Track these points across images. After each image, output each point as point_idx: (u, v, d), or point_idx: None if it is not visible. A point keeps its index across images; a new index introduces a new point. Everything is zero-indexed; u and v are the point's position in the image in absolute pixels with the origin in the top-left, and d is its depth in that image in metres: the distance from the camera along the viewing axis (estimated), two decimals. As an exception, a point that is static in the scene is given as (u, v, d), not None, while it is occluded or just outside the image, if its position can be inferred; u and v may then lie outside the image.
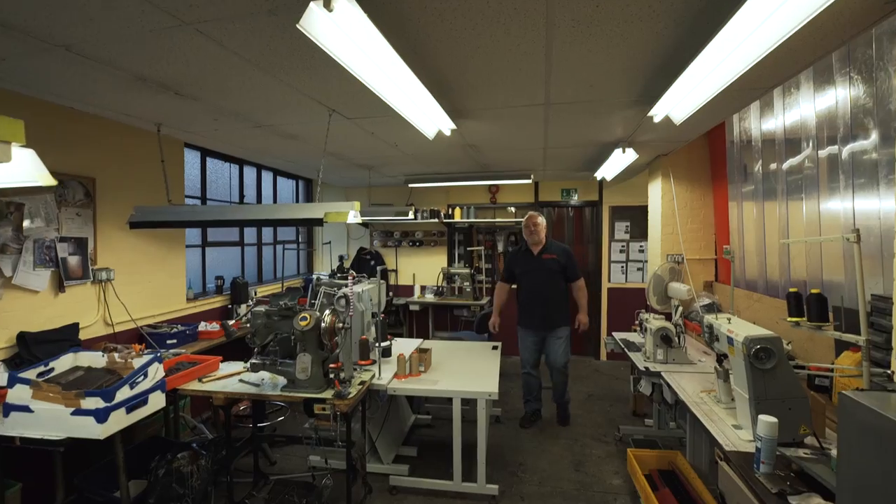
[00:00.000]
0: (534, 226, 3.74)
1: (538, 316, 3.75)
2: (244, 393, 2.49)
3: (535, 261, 3.75)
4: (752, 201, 3.34)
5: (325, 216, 2.51)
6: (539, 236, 3.73)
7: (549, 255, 3.74)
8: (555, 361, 3.80)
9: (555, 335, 3.77)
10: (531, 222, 3.76)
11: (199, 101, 2.52)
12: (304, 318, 2.46)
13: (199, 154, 4.39)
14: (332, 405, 2.38)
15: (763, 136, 3.10)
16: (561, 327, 3.78)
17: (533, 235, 3.74)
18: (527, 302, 3.81)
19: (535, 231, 3.72)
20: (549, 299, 3.72)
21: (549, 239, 3.81)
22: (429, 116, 2.62)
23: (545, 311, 3.73)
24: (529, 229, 3.75)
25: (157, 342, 3.42)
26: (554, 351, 3.78)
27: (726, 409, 2.15)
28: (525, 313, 3.84)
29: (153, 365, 2.28)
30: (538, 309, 3.75)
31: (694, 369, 2.86)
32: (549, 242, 3.79)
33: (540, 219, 3.77)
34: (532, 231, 3.74)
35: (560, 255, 3.74)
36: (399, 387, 2.81)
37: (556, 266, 3.72)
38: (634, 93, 2.40)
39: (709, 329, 2.21)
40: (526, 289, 3.81)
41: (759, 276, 3.23)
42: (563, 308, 3.78)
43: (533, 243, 3.78)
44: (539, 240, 3.74)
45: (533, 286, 3.76)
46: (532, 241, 3.77)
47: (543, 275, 3.72)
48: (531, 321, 3.80)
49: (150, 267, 3.61)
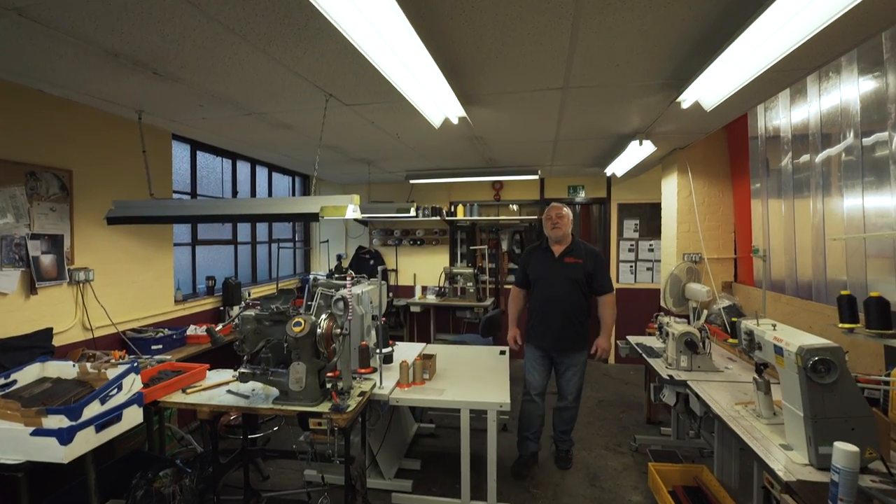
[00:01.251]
0: (557, 218, 2.99)
1: (551, 334, 3.01)
2: (231, 406, 2.25)
3: (555, 264, 3.02)
4: (778, 197, 3.12)
5: (321, 211, 2.28)
6: (563, 231, 2.98)
7: (573, 258, 2.98)
8: (563, 391, 3.10)
9: (567, 361, 3.05)
10: (554, 213, 3.01)
11: (181, 82, 2.28)
12: (297, 323, 2.22)
13: (188, 147, 4.16)
14: (328, 419, 2.14)
15: (793, 127, 2.88)
16: (576, 353, 3.03)
17: (555, 230, 2.99)
18: (539, 314, 3.07)
19: (559, 225, 2.98)
20: (567, 315, 2.96)
21: (575, 238, 3.06)
22: (436, 101, 2.39)
23: (560, 330, 2.98)
24: (552, 222, 3.00)
25: (141, 348, 3.18)
26: (564, 380, 3.08)
27: (769, 426, 1.93)
28: (535, 328, 3.10)
29: (129, 376, 2.04)
30: (552, 324, 2.99)
31: (722, 377, 2.64)
32: (575, 242, 3.04)
33: (565, 210, 3.02)
34: (555, 225, 2.99)
35: (587, 261, 2.98)
36: (403, 397, 2.59)
37: (581, 273, 2.96)
38: (664, 74, 2.17)
39: (748, 336, 1.99)
40: (539, 298, 3.07)
41: (788, 276, 3.01)
42: (582, 328, 3.00)
43: (555, 241, 3.04)
44: (563, 237, 3.00)
45: (548, 296, 3.01)
46: (554, 237, 3.02)
47: (563, 283, 2.97)
48: (542, 339, 3.07)
49: (134, 266, 3.37)
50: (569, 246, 3.02)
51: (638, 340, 3.53)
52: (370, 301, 3.01)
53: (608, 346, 3.06)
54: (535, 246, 3.25)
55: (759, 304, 3.44)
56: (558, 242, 3.04)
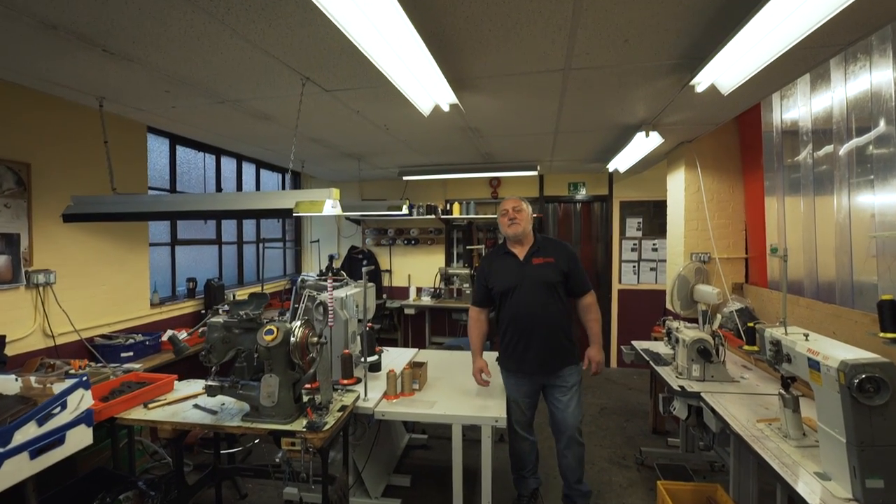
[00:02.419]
0: (515, 212, 2.46)
1: (532, 355, 2.42)
2: (196, 423, 2.02)
3: (523, 269, 2.45)
4: (797, 193, 2.90)
5: (296, 206, 2.05)
6: (523, 228, 2.47)
7: (542, 257, 2.46)
8: (563, 424, 2.48)
9: (559, 382, 2.47)
10: (511, 206, 2.48)
11: (138, 63, 2.03)
12: (269, 331, 1.99)
13: (167, 141, 3.93)
14: (303, 439, 1.92)
15: (814, 116, 2.66)
16: (568, 368, 2.46)
17: (514, 227, 2.45)
18: (513, 334, 2.46)
19: (518, 220, 2.45)
20: (549, 327, 2.41)
21: (538, 235, 2.56)
22: (424, 86, 2.16)
23: (543, 348, 2.41)
24: (508, 217, 2.47)
25: (109, 356, 2.95)
26: (560, 408, 2.47)
27: (799, 449, 1.70)
28: (511, 351, 2.48)
29: (76, 392, 1.81)
30: (532, 343, 2.42)
31: (738, 388, 2.42)
32: (539, 240, 2.53)
33: (524, 204, 2.51)
34: (512, 220, 2.46)
35: (560, 258, 2.45)
36: (389, 410, 2.36)
37: (554, 274, 2.42)
38: (677, 52, 1.95)
39: (774, 346, 1.76)
40: (511, 314, 2.45)
41: (807, 277, 2.79)
42: (568, 338, 2.46)
43: (514, 241, 2.52)
44: (522, 234, 2.48)
45: (521, 309, 2.42)
46: (513, 235, 2.49)
47: (537, 290, 2.41)
48: (521, 362, 2.46)
49: (104, 268, 3.13)
50: (533, 244, 2.50)
51: (644, 346, 3.30)
52: (356, 305, 2.78)
53: (601, 358, 2.52)
54: (491, 253, 2.68)
55: (772, 306, 3.22)
56: (519, 243, 2.52)
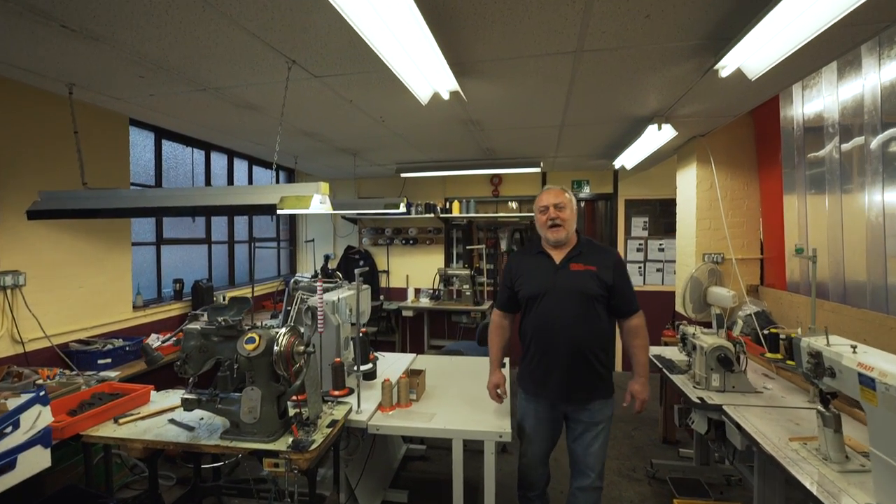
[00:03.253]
0: (557, 210, 2.02)
1: (556, 380, 2.00)
2: (169, 442, 1.83)
3: (558, 275, 2.02)
4: (821, 190, 2.71)
5: (280, 202, 1.86)
6: (567, 231, 2.03)
7: (582, 264, 2.01)
8: (582, 464, 2.06)
9: (585, 417, 2.03)
10: (552, 201, 2.04)
11: (104, 42, 1.82)
12: (250, 339, 1.80)
13: (152, 135, 3.73)
14: (287, 460, 1.72)
15: (842, 106, 2.47)
16: (599, 403, 2.03)
17: (556, 232, 2.02)
18: (535, 351, 2.06)
19: (560, 221, 2.02)
20: (581, 347, 1.97)
21: (582, 236, 2.12)
22: (422, 70, 1.97)
23: (571, 372, 1.98)
24: (548, 216, 2.04)
25: (85, 363, 2.76)
26: (582, 446, 2.05)
27: (843, 474, 1.51)
28: (533, 370, 2.08)
29: (32, 409, 1.62)
30: (557, 365, 1.99)
31: (761, 400, 2.23)
32: (582, 242, 2.09)
33: (567, 195, 2.07)
34: (553, 221, 2.03)
35: (603, 267, 2.00)
36: (384, 424, 2.17)
37: (595, 285, 1.97)
38: (702, 31, 1.76)
39: (814, 359, 1.58)
40: (537, 325, 2.04)
41: (833, 279, 2.60)
42: (604, 364, 2.03)
43: (553, 243, 2.07)
44: (564, 236, 2.04)
45: (550, 321, 2.00)
46: (553, 237, 2.04)
47: (572, 300, 1.98)
48: (541, 387, 2.06)
49: (81, 268, 2.94)
50: (574, 247, 2.07)
51: (655, 351, 3.11)
52: (349, 309, 2.59)
53: (646, 394, 2.04)
54: (522, 251, 2.28)
55: (792, 310, 3.04)
56: (558, 244, 2.07)
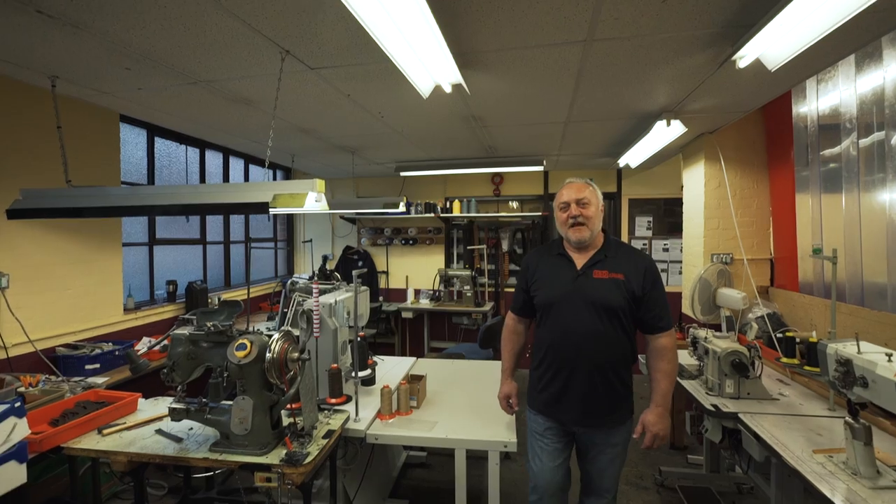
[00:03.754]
0: (578, 204, 1.76)
1: (570, 399, 1.78)
2: (155, 454, 1.72)
3: (578, 281, 1.77)
4: (836, 189, 2.61)
5: (273, 200, 1.75)
6: (591, 231, 1.77)
7: (607, 271, 1.76)
8: (595, 486, 1.88)
9: (600, 440, 1.81)
10: (574, 196, 1.77)
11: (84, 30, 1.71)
12: (241, 346, 1.70)
13: (144, 132, 3.63)
14: (279, 474, 1.62)
15: (861, 99, 2.37)
16: (616, 429, 1.80)
17: (579, 232, 1.76)
18: (549, 366, 1.83)
19: (584, 220, 1.76)
20: (598, 366, 1.74)
21: (610, 237, 1.85)
22: (424, 61, 1.87)
23: (587, 392, 1.75)
24: (570, 215, 1.78)
25: (72, 368, 2.65)
26: (597, 468, 1.85)
27: (876, 491, 1.41)
28: (544, 386, 1.84)
29: (6, 421, 1.51)
30: (572, 384, 1.77)
31: (778, 408, 2.13)
32: (610, 244, 1.82)
33: (589, 190, 1.79)
34: (573, 216, 1.77)
35: (633, 275, 1.74)
36: (383, 433, 2.07)
37: (620, 296, 1.72)
38: (722, 18, 1.66)
39: (843, 367, 1.47)
40: (549, 338, 1.82)
41: (850, 280, 2.50)
42: (624, 383, 1.80)
43: (576, 244, 1.80)
44: (588, 237, 1.77)
45: (564, 335, 1.77)
46: (575, 238, 1.78)
47: (590, 312, 1.73)
48: (552, 407, 1.83)
49: (68, 270, 2.83)
50: (599, 251, 1.80)
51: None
52: (346, 312, 2.49)
53: (664, 427, 1.74)
54: (541, 249, 1.97)
55: (804, 312, 2.94)
56: (581, 245, 1.80)
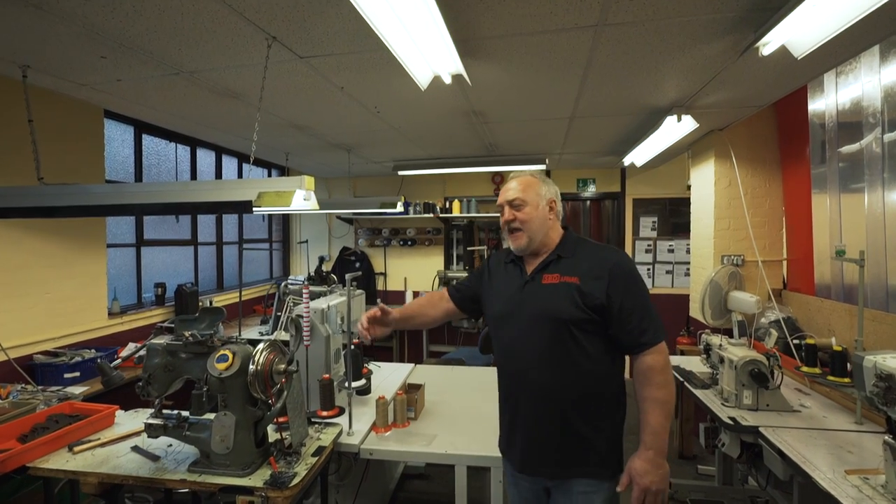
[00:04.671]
0: (512, 206, 1.45)
1: (518, 441, 1.46)
2: (128, 475, 1.58)
3: (525, 290, 1.45)
4: (856, 188, 2.48)
5: (258, 198, 1.61)
6: (527, 233, 1.44)
7: (557, 274, 1.40)
8: None
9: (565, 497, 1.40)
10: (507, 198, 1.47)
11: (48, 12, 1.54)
12: (222, 357, 1.56)
13: (132, 129, 3.49)
14: (263, 497, 1.48)
15: (886, 91, 2.24)
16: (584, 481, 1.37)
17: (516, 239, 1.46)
18: (501, 394, 1.56)
19: (517, 219, 1.44)
20: (546, 398, 1.38)
21: (570, 233, 1.50)
22: (422, 48, 1.73)
23: (535, 432, 1.41)
24: (505, 219, 1.48)
25: (50, 377, 2.52)
26: None
27: (922, 520, 1.28)
28: (501, 421, 1.56)
29: (-40, 442, 1.37)
30: (518, 420, 1.46)
31: (801, 421, 2.00)
32: (566, 242, 1.47)
33: (524, 189, 1.45)
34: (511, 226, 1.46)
35: (590, 278, 1.36)
36: (378, 447, 1.94)
37: (570, 305, 1.35)
38: (746, 1, 1.52)
39: (884, 381, 1.34)
40: (499, 361, 1.55)
41: (873, 284, 2.37)
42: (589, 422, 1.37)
43: (516, 252, 1.50)
44: (526, 244, 1.45)
45: (512, 357, 1.47)
46: (513, 246, 1.49)
47: (535, 329, 1.39)
48: (507, 445, 1.53)
49: (47, 273, 2.69)
50: (553, 251, 1.45)
51: (674, 363, 2.88)
52: (339, 319, 2.35)
53: (661, 482, 1.30)
54: (498, 253, 1.66)
55: (821, 316, 2.80)
56: (525, 246, 1.46)
